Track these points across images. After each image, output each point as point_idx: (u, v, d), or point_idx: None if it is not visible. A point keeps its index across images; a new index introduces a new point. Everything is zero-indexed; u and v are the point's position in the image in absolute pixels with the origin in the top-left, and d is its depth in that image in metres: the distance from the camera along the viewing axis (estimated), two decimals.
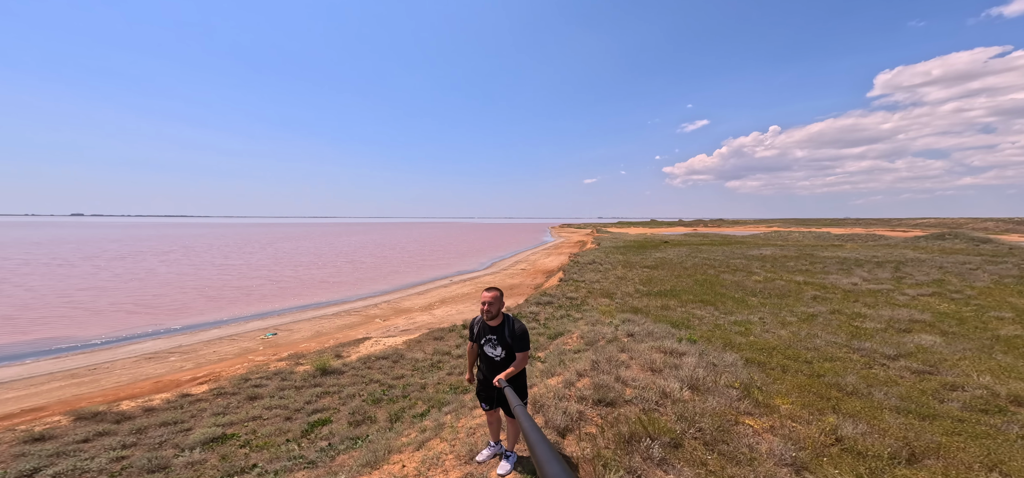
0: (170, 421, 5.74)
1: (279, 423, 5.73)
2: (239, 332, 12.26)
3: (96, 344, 11.71)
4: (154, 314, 14.99)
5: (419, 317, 13.78)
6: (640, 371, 5.26)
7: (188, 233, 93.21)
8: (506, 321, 3.10)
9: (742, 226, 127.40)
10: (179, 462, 4.59)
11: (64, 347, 11.38)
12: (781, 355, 6.95)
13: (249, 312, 15.35)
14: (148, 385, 8.36)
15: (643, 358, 5.72)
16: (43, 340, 11.95)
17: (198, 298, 18.01)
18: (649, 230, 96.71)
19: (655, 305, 12.15)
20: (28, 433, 5.37)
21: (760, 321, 9.55)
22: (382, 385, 7.26)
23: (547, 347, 9.18)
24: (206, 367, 9.31)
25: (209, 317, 14.57)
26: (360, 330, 12.01)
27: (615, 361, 5.52)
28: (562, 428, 3.44)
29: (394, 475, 2.85)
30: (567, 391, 4.32)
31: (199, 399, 6.64)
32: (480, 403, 3.27)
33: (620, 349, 6.35)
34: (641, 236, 61.81)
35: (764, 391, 5.24)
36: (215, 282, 22.96)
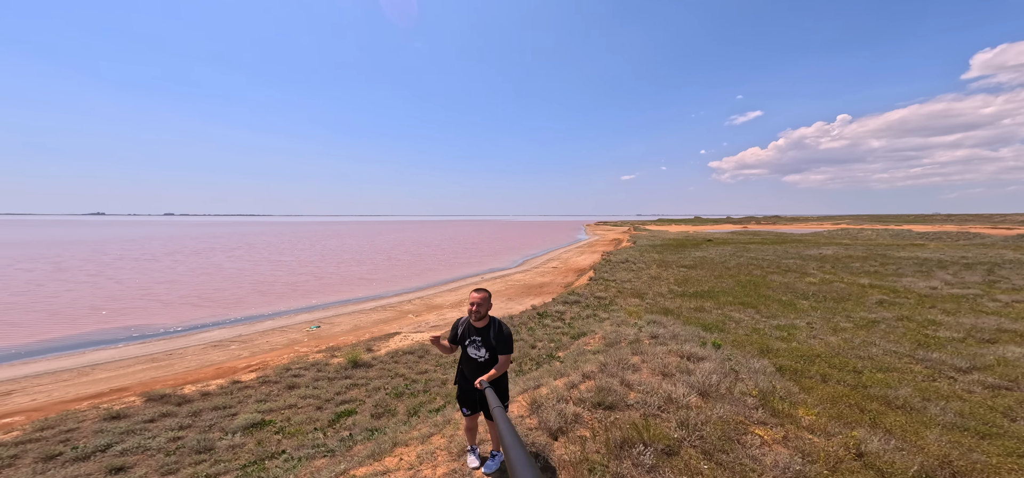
0: (221, 405, 6.48)
1: (311, 412, 6.27)
2: (288, 324, 13.40)
3: (175, 331, 13.31)
4: (219, 306, 16.73)
5: (449, 313, 14.26)
6: (650, 375, 5.18)
7: (253, 230, 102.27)
8: (492, 323, 3.14)
9: (802, 223, 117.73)
10: (222, 445, 5.20)
11: (149, 334, 13.04)
12: (825, 363, 6.53)
13: (297, 306, 16.72)
14: (210, 371, 9.41)
15: (656, 362, 5.62)
16: (133, 326, 13.76)
17: (252, 292, 19.85)
18: (692, 228, 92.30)
19: (689, 307, 11.73)
20: (109, 411, 6.30)
21: (808, 326, 8.96)
22: (406, 379, 7.67)
23: (568, 347, 9.23)
24: (258, 356, 10.30)
25: (263, 310, 16.04)
26: (393, 325, 12.67)
27: (625, 364, 5.47)
28: (555, 430, 3.52)
29: (388, 468, 3.08)
30: (568, 392, 4.37)
31: (247, 386, 7.40)
32: (460, 407, 3.25)
33: (635, 352, 6.26)
34: (682, 234, 59.19)
35: (788, 400, 4.98)
36: (268, 277, 25.11)
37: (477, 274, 27.05)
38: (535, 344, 9.86)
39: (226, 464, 4.74)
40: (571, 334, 10.47)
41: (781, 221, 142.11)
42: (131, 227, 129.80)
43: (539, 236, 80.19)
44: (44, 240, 58.18)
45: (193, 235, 77.82)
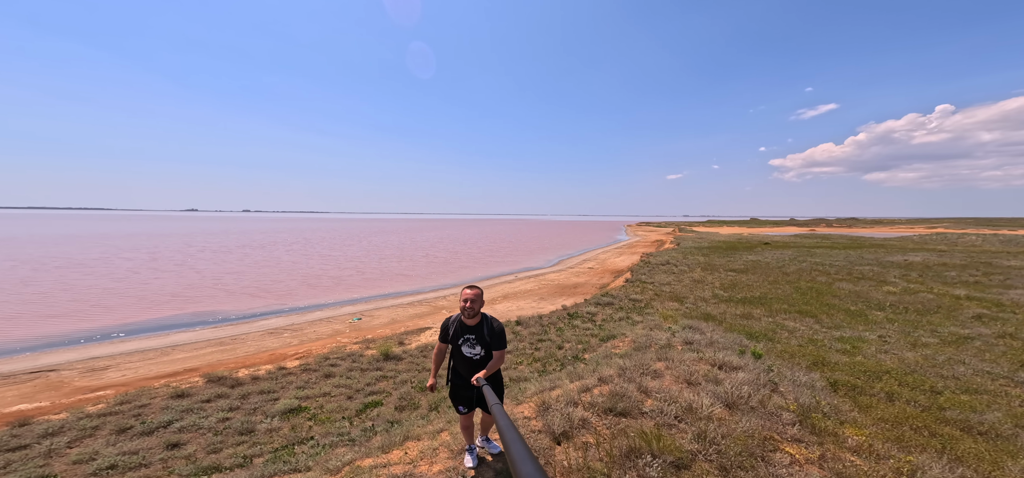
0: (266, 390, 7.08)
1: (342, 401, 6.66)
2: (334, 315, 14.33)
3: (241, 317, 14.75)
4: (273, 297, 18.31)
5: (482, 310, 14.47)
6: (672, 382, 4.90)
7: (310, 227, 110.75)
8: (484, 320, 3.13)
9: (886, 226, 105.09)
10: (261, 428, 5.67)
11: (219, 320, 14.56)
12: (894, 380, 5.83)
13: (342, 298, 17.89)
14: (264, 356, 10.31)
15: (682, 369, 5.31)
16: (207, 312, 15.43)
17: (302, 285, 21.53)
18: (747, 230, 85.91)
19: (734, 313, 10.99)
20: (176, 390, 7.11)
21: (879, 339, 8.04)
22: None
23: (596, 349, 9.01)
24: (305, 345, 11.13)
25: (312, 301, 17.32)
26: (427, 320, 13.11)
27: (647, 369, 5.22)
28: (558, 434, 3.43)
29: (390, 461, 3.18)
30: (580, 396, 4.26)
31: (290, 372, 8.02)
32: (456, 407, 3.23)
33: (660, 357, 5.96)
34: (734, 236, 55.42)
35: (835, 418, 4.49)
36: (317, 271, 27.05)
37: (511, 272, 27.24)
38: (562, 345, 9.72)
39: (262, 446, 5.17)
40: (600, 336, 10.21)
41: (859, 224, 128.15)
42: (215, 222, 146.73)
43: (577, 236, 79.14)
44: (146, 233, 67.09)
45: (261, 230, 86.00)
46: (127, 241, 48.65)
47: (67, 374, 9.61)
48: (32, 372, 9.72)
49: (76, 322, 14.05)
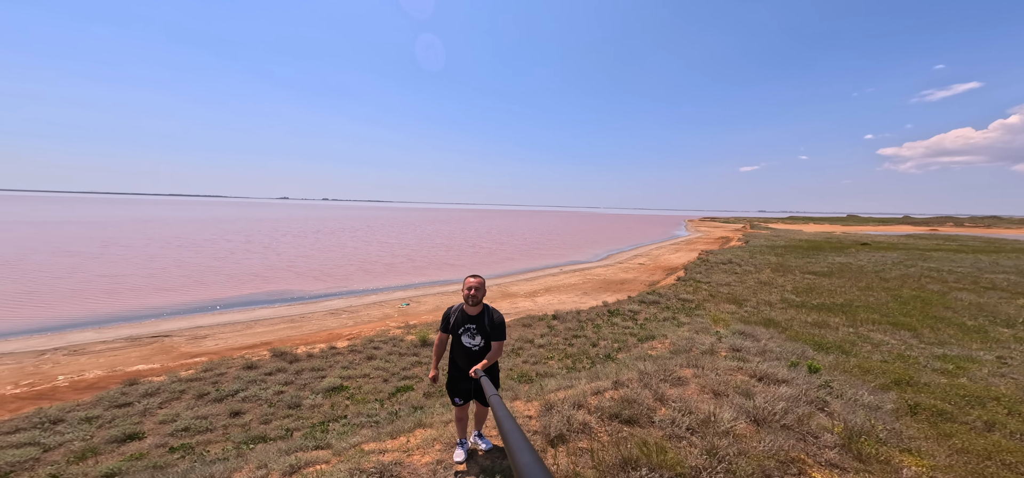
0: (317, 367, 7.87)
1: (379, 383, 7.18)
2: (386, 300, 15.43)
3: (311, 297, 16.49)
4: (333, 280, 20.17)
5: (521, 303, 14.60)
6: (696, 392, 4.57)
7: (372, 215, 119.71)
8: (485, 310, 3.13)
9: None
10: (307, 403, 6.33)
11: (294, 298, 16.42)
12: (1002, 408, 4.93)
13: (394, 284, 19.20)
14: (322, 335, 11.44)
15: (713, 378, 4.92)
16: (285, 291, 17.45)
17: (358, 270, 23.44)
18: (841, 228, 75.37)
19: (804, 320, 9.91)
20: (248, 361, 8.19)
21: (998, 361, 6.78)
22: None
23: (632, 349, 8.69)
24: (358, 327, 12.14)
25: (367, 285, 18.82)
26: None
27: (670, 375, 4.92)
28: (554, 437, 3.38)
29: (387, 448, 3.36)
30: (588, 400, 4.15)
31: (339, 352, 8.82)
32: (452, 398, 3.25)
33: (690, 364, 5.58)
34: (822, 235, 49.27)
35: (894, 443, 3.90)
36: (373, 257, 29.26)
37: (555, 265, 27.08)
38: (597, 343, 9.50)
39: (303, 421, 5.79)
40: (639, 336, 9.81)
41: (1001, 223, 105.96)
42: (299, 209, 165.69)
43: (630, 230, 76.25)
44: (247, 218, 77.48)
45: (334, 217, 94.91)
46: (231, 225, 56.51)
47: (177, 340, 11.48)
48: (152, 336, 11.74)
49: (188, 294, 16.71)
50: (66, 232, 38.86)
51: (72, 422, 5.67)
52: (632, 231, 73.56)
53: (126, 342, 11.11)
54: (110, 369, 9.19)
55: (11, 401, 7.39)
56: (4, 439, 5.16)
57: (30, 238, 32.41)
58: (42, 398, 7.50)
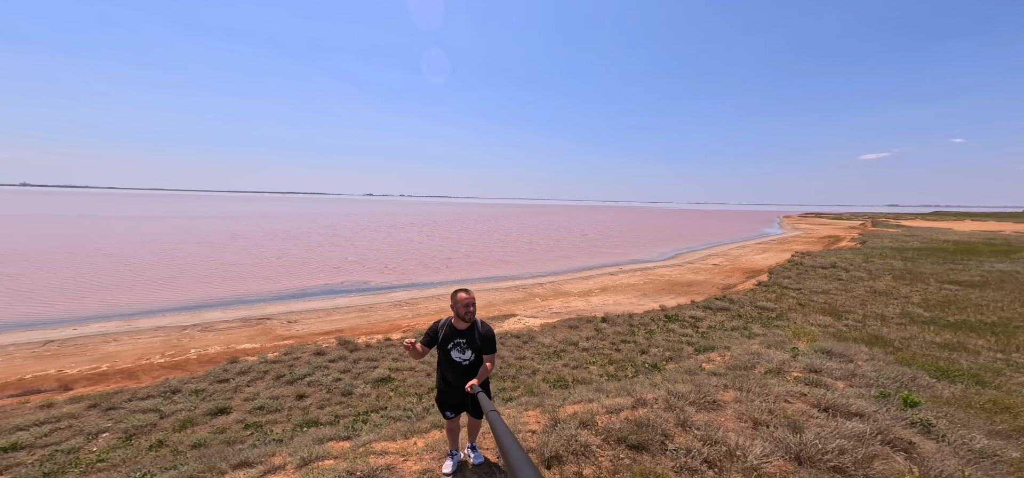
0: (372, 357, 8.64)
1: (421, 377, 7.64)
2: (444, 294, 16.30)
3: (379, 288, 18.18)
4: (395, 273, 21.79)
5: (574, 302, 14.30)
6: (731, 418, 4.03)
7: (440, 211, 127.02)
8: (474, 324, 3.11)
9: None
10: (357, 392, 6.99)
11: (365, 289, 18.24)
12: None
13: (450, 278, 20.26)
14: (384, 325, 12.50)
15: (758, 404, 4.30)
16: (361, 281, 19.46)
17: (418, 265, 25.09)
18: (1014, 226, 59.52)
19: (930, 340, 8.26)
20: (318, 348, 9.32)
21: None
22: (504, 363, 8.30)
23: (684, 359, 8.02)
24: (417, 319, 13.02)
25: (426, 279, 20.09)
26: (519, 306, 13.68)
27: (704, 397, 4.40)
28: (550, 458, 3.24)
29: (388, 450, 3.53)
30: (599, 418, 3.92)
31: (392, 344, 9.56)
32: (442, 412, 3.25)
33: (735, 384, 4.95)
34: (982, 234, 39.67)
35: None
36: (433, 252, 30.98)
37: (614, 264, 25.99)
38: (647, 350, 8.93)
39: (351, 409, 6.41)
40: (697, 346, 9.01)
41: None
42: (379, 205, 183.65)
43: (706, 227, 69.77)
44: (336, 213, 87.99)
45: (406, 213, 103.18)
46: (325, 220, 64.44)
47: (274, 323, 13.47)
48: (259, 318, 13.94)
49: (286, 282, 19.45)
50: (207, 225, 47.96)
51: (185, 393, 7.04)
52: (709, 228, 67.47)
53: (240, 323, 13.36)
54: (225, 346, 11.14)
55: (157, 369, 9.40)
56: (137, 404, 6.62)
57: (182, 231, 40.66)
58: (177, 368, 9.41)
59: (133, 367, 9.55)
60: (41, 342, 11.39)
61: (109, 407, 6.63)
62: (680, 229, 64.47)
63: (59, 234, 35.20)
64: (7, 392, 8.17)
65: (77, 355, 10.46)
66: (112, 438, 5.64)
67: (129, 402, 6.80)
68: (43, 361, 10.04)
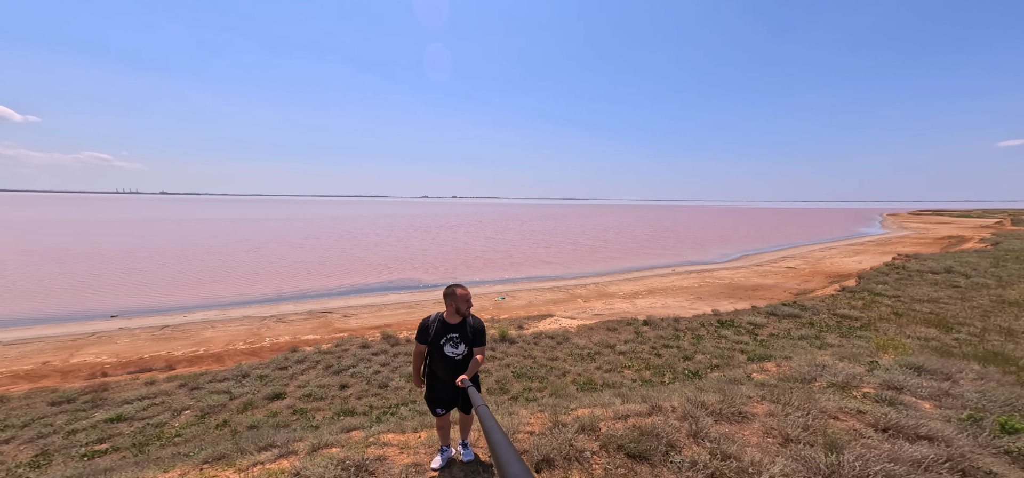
0: (410, 353, 9.09)
1: None
2: (485, 293, 16.62)
3: (426, 286, 19.14)
4: (439, 272, 22.77)
5: (618, 304, 13.74)
6: (757, 433, 3.56)
7: (487, 212, 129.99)
8: (465, 318, 3.11)
9: None
10: (392, 385, 7.39)
11: (413, 286, 19.27)
12: None
13: (491, 278, 20.58)
14: None
15: (796, 419, 3.76)
16: (409, 279, 20.65)
17: (461, 265, 25.94)
18: None
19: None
20: (364, 341, 10.03)
21: None
22: (535, 363, 8.24)
23: (734, 368, 7.33)
24: None
25: (469, 278, 20.67)
26: (560, 307, 13.47)
27: (730, 407, 3.94)
28: (541, 461, 3.11)
29: (390, 441, 3.62)
30: (602, 423, 3.69)
31: None
32: (432, 409, 3.22)
33: (774, 395, 4.38)
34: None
35: None
36: (477, 252, 31.73)
37: (667, 265, 24.49)
38: (692, 356, 8.30)
39: (385, 401, 6.80)
40: (752, 354, 8.18)
41: None
42: (433, 206, 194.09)
43: (788, 226, 62.80)
44: (392, 215, 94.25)
45: (456, 214, 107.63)
46: (383, 221, 69.57)
47: (333, 317, 14.79)
48: (322, 312, 15.39)
49: (347, 278, 21.34)
50: (287, 227, 54.16)
51: (252, 378, 8.03)
52: (787, 227, 60.74)
53: (307, 315, 14.88)
54: (292, 336, 12.48)
55: (238, 354, 10.82)
56: (215, 385, 7.68)
57: (268, 232, 46.22)
58: (253, 354, 10.74)
59: (221, 352, 11.09)
60: (159, 326, 13.72)
61: (194, 387, 7.79)
62: (750, 229, 59.25)
63: (178, 235, 42.03)
64: (128, 369, 9.97)
65: (183, 339, 12.42)
66: (191, 416, 6.61)
67: (210, 383, 7.91)
68: (158, 343, 12.06)
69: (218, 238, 40.08)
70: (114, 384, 8.35)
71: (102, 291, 18.37)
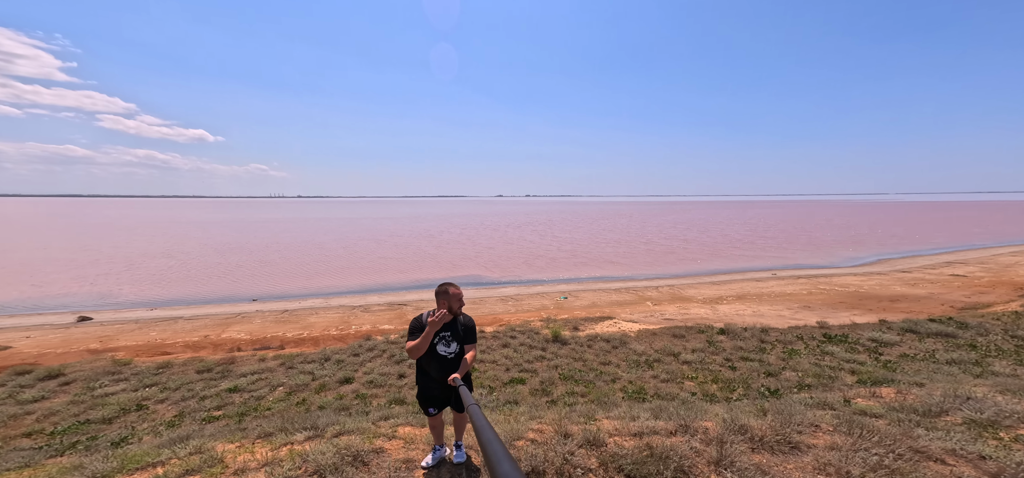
0: None
1: (500, 372, 7.88)
2: (547, 291, 16.39)
3: (492, 283, 19.61)
4: (500, 270, 23.08)
5: (695, 309, 12.32)
6: (805, 469, 2.78)
7: (558, 210, 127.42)
8: (457, 316, 3.09)
9: None
10: None
11: (479, 282, 19.90)
12: None
13: (555, 277, 20.30)
14: (488, 319, 13.27)
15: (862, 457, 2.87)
16: (473, 275, 21.41)
17: (522, 263, 26.05)
18: None
19: None
20: (480, 330, 10.65)
21: None
22: (585, 366, 7.84)
23: (828, 391, 6.01)
24: (518, 314, 13.48)
25: (530, 276, 20.69)
26: (625, 309, 12.58)
27: (776, 435, 3.14)
28: (528, 473, 2.85)
29: (396, 436, 3.70)
30: (610, 440, 3.25)
31: (484, 336, 10.14)
32: (425, 409, 3.17)
33: (847, 425, 3.40)
34: None
35: None
36: (540, 251, 31.69)
37: (765, 268, 21.03)
38: (778, 372, 7.05)
39: None
40: (863, 377, 6.67)
41: None
42: (507, 205, 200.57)
43: (963, 224, 48.92)
44: (467, 214, 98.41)
45: (527, 212, 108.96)
46: (456, 220, 73.74)
47: (408, 309, 16.05)
48: (399, 304, 16.85)
49: (419, 273, 23.18)
50: (377, 226, 60.99)
51: (332, 362, 9.17)
52: (961, 225, 47.46)
53: (387, 307, 16.49)
54: (373, 326, 13.95)
55: (330, 339, 12.49)
56: (304, 366, 8.96)
57: (363, 230, 52.50)
58: (340, 339, 12.29)
59: (319, 336, 12.91)
60: (281, 311, 16.56)
61: (290, 366, 9.20)
62: (900, 226, 47.85)
63: (300, 233, 50.22)
64: (255, 345, 12.22)
65: (295, 322, 14.80)
66: (282, 392, 7.81)
67: (301, 364, 9.27)
68: (279, 325, 14.55)
69: (327, 234, 47.36)
70: (240, 358, 10.32)
71: (246, 279, 22.95)
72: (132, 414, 7.18)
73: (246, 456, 3.43)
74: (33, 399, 7.79)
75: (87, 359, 10.73)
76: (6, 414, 7.03)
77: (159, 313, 16.84)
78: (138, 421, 6.92)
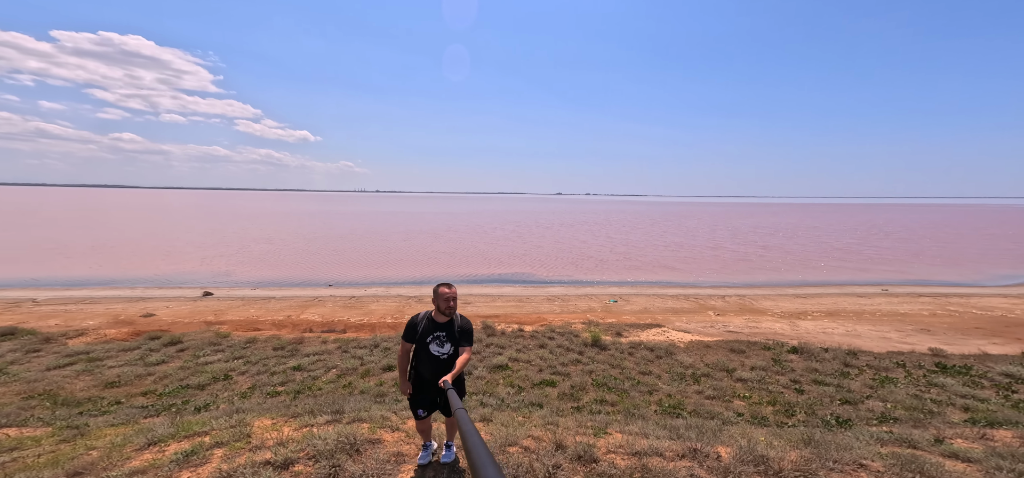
0: (501, 345, 9.36)
1: (533, 372, 7.73)
2: (595, 293, 15.69)
3: (540, 282, 19.34)
4: (544, 269, 22.54)
5: (767, 322, 10.91)
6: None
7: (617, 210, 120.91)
8: (452, 317, 3.08)
9: None
10: (475, 373, 7.76)
11: (527, 280, 19.71)
12: None
13: (602, 279, 19.37)
14: (532, 317, 13.08)
15: None
16: (521, 274, 21.33)
17: (569, 265, 25.21)
18: None
19: None
20: (519, 328, 10.79)
21: None
22: (622, 373, 7.38)
23: (922, 427, 4.97)
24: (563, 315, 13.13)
25: (578, 277, 19.96)
26: (680, 317, 11.56)
27: (802, 469, 2.55)
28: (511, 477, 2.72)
29: (400, 428, 3.80)
30: (604, 457, 2.93)
31: (523, 335, 10.00)
32: (415, 411, 3.14)
33: (912, 467, 2.64)
34: None
35: None
36: (590, 252, 30.65)
37: (873, 282, 17.60)
38: (858, 401, 6.00)
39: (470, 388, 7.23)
40: (980, 416, 5.37)
41: None
42: (565, 203, 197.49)
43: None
44: (528, 211, 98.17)
45: (583, 211, 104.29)
46: (512, 217, 74.20)
47: (475, 304, 16.62)
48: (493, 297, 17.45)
49: (464, 269, 23.72)
50: (435, 220, 63.70)
51: (380, 349, 9.80)
52: None
53: None
54: None
55: (384, 326, 13.37)
56: (355, 351, 9.69)
57: (422, 223, 55.20)
58: (392, 327, 13.06)
59: (376, 322, 13.93)
60: (349, 297, 18.17)
61: (345, 350, 10.04)
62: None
63: (372, 225, 54.68)
64: (322, 328, 13.58)
65: (358, 308, 16.14)
66: (334, 374, 8.51)
67: (354, 349, 10.06)
68: (346, 310, 15.98)
69: (395, 227, 51.17)
70: (307, 339, 11.54)
71: (323, 265, 25.65)
72: (219, 383, 8.34)
73: (270, 434, 3.79)
74: (156, 362, 9.46)
75: (202, 330, 12.81)
76: (133, 374, 8.66)
77: (259, 293, 19.56)
78: (222, 390, 8.03)
